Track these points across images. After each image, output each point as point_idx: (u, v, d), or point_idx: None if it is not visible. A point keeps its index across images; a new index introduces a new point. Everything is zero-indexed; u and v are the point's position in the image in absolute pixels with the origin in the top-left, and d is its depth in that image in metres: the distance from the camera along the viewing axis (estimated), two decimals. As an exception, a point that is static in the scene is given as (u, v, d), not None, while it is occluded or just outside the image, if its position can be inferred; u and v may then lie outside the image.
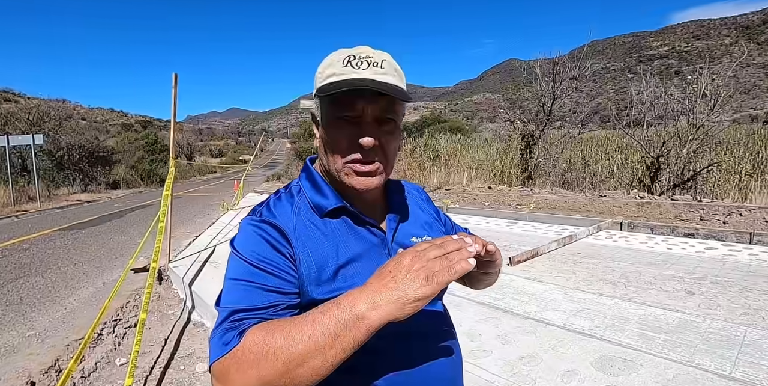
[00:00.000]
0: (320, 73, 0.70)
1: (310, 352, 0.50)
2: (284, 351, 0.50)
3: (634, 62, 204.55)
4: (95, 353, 3.30)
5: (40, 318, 3.83)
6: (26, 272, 5.30)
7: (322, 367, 0.51)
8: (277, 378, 0.50)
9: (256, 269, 0.64)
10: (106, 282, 4.92)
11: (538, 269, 4.19)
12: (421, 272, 0.52)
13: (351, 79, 0.65)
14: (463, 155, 15.28)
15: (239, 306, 0.61)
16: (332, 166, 0.71)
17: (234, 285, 0.63)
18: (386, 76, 0.67)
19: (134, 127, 73.26)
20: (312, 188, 0.75)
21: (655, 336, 2.62)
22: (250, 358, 0.52)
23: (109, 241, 7.28)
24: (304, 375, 0.50)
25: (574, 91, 12.23)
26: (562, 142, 12.41)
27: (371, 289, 0.53)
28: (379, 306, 0.51)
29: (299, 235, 0.69)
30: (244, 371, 0.51)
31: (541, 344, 2.61)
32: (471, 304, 3.34)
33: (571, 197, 8.74)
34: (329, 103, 0.69)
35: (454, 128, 30.11)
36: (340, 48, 0.72)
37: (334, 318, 0.51)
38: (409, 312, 0.51)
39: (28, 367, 2.96)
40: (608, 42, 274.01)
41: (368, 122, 0.67)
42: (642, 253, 4.68)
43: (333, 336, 0.50)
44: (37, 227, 9.22)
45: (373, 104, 0.67)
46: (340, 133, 0.68)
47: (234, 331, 0.56)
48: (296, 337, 0.51)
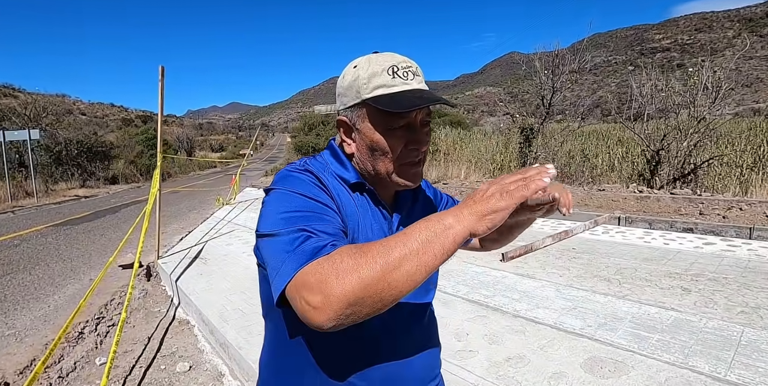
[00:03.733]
0: (365, 84, 0.71)
1: (405, 256, 0.52)
2: (381, 256, 0.52)
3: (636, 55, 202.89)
4: (75, 352, 3.22)
5: (22, 316, 3.76)
6: (14, 269, 5.23)
7: (417, 273, 0.53)
8: (375, 281, 0.51)
9: (318, 204, 0.66)
10: (92, 279, 4.83)
11: (532, 265, 4.09)
12: (497, 190, 0.57)
13: (408, 91, 0.70)
14: (463, 149, 15.16)
15: (315, 227, 0.61)
16: (382, 169, 0.75)
17: (299, 216, 0.63)
18: (423, 83, 0.74)
19: (134, 122, 73.09)
20: (336, 163, 0.80)
21: (649, 336, 2.52)
22: (349, 263, 0.52)
23: (101, 237, 7.21)
24: (400, 280, 0.52)
25: (574, 85, 12.07)
26: (561, 135, 12.27)
27: (457, 208, 0.57)
28: (462, 219, 0.55)
29: (333, 189, 0.74)
30: (345, 275, 0.51)
31: (530, 344, 2.52)
32: (460, 302, 3.25)
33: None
34: (386, 113, 0.71)
35: (454, 122, 29.90)
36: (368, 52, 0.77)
37: (425, 228, 0.55)
38: (486, 225, 0.55)
39: (2, 367, 2.89)
40: (610, 35, 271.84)
41: (419, 128, 0.74)
42: (639, 248, 4.57)
43: (425, 241, 0.53)
44: (32, 222, 9.16)
45: (422, 111, 0.73)
46: (398, 141, 0.72)
47: (322, 242, 0.58)
48: (391, 244, 0.54)
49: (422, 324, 0.85)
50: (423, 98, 0.70)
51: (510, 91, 15.79)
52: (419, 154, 0.75)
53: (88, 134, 22.04)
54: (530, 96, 13.12)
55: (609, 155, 11.85)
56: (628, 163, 11.15)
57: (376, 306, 0.53)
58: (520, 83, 14.81)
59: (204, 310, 3.43)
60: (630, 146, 11.58)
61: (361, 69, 0.73)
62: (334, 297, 0.51)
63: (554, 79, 11.29)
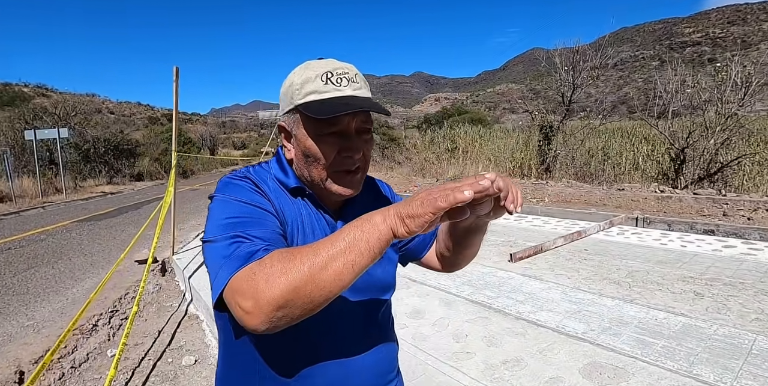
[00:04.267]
0: (297, 90, 0.72)
1: (332, 256, 0.53)
2: (309, 257, 0.53)
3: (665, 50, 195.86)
4: (88, 344, 3.34)
5: (41, 308, 3.91)
6: (38, 263, 5.45)
7: (344, 272, 0.53)
8: (303, 283, 0.52)
9: (255, 208, 0.68)
10: (113, 273, 4.99)
11: (540, 266, 4.02)
12: (423, 196, 0.55)
13: (338, 98, 0.70)
14: (482, 146, 15.00)
15: (250, 233, 0.63)
16: (316, 176, 0.75)
17: (236, 221, 0.65)
18: (362, 90, 0.73)
19: (160, 120, 75.02)
20: (278, 169, 0.80)
21: (654, 342, 2.45)
22: (278, 267, 0.54)
23: (121, 233, 7.43)
24: (327, 280, 0.53)
25: (595, 81, 11.77)
26: (582, 133, 11.99)
27: (387, 207, 0.57)
28: (387, 218, 0.55)
29: (274, 194, 0.75)
30: (274, 278, 0.53)
31: (529, 347, 2.47)
32: (463, 303, 3.22)
33: (588, 191, 8.42)
34: (316, 120, 0.71)
35: (475, 120, 29.64)
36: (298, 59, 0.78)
37: (354, 227, 0.56)
38: (405, 228, 0.54)
39: (19, 356, 3.01)
40: (637, 29, 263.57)
41: (353, 135, 0.73)
42: (653, 250, 4.44)
43: (352, 240, 0.54)
44: (59, 218, 9.52)
45: (356, 118, 0.72)
46: (329, 147, 0.72)
47: (255, 247, 0.60)
48: (319, 246, 0.55)
49: (374, 325, 0.83)
50: (350, 104, 0.69)
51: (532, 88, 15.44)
52: (354, 161, 0.74)
53: (115, 133, 22.77)
54: (554, 93, 12.84)
55: (633, 154, 11.52)
56: (653, 162, 10.82)
57: (308, 306, 0.54)
58: (541, 80, 14.49)
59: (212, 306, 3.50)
60: (656, 144, 11.23)
61: (296, 75, 0.73)
62: (264, 301, 0.52)
63: (574, 76, 11.03)
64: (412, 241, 0.95)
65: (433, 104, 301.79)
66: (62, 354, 3.10)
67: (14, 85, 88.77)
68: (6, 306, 3.98)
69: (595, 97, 12.37)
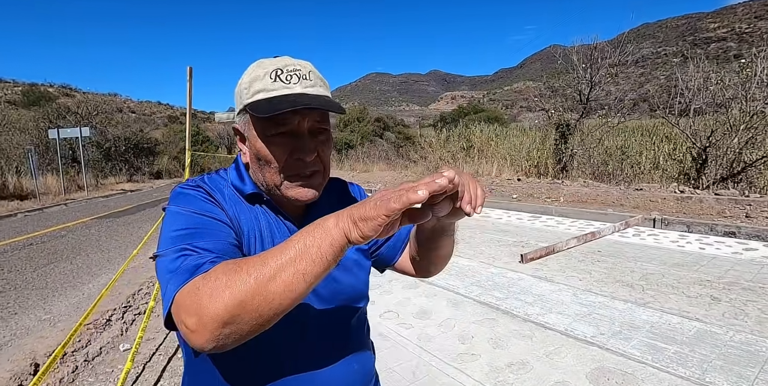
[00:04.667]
0: (246, 88, 0.69)
1: (280, 266, 0.49)
2: (256, 269, 0.50)
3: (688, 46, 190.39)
4: (102, 338, 3.41)
5: (58, 303, 4.02)
6: (57, 258, 5.61)
7: (294, 282, 0.49)
8: (250, 296, 0.48)
9: (206, 218, 0.64)
10: (126, 270, 5.10)
11: (551, 268, 3.95)
12: (378, 197, 0.51)
13: (285, 96, 0.65)
14: (498, 145, 14.84)
15: (197, 245, 0.59)
16: (270, 181, 0.71)
17: (184, 233, 0.61)
18: (315, 88, 0.68)
19: (179, 119, 76.38)
20: (235, 175, 0.77)
21: (665, 348, 2.38)
22: (222, 280, 0.50)
23: (138, 230, 7.59)
24: (277, 292, 0.49)
25: (614, 78, 11.51)
26: (600, 132, 11.75)
27: (340, 211, 0.53)
28: (341, 221, 0.51)
29: (229, 201, 0.71)
30: (218, 293, 0.49)
31: (536, 350, 2.43)
32: (470, 303, 3.19)
33: (605, 191, 8.25)
34: (263, 120, 0.67)
35: (491, 118, 29.38)
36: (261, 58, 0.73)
37: (307, 233, 0.52)
38: (358, 232, 0.50)
39: (35, 349, 3.10)
40: (659, 25, 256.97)
41: (305, 136, 0.68)
42: (670, 253, 4.32)
43: (303, 247, 0.50)
44: (80, 214, 9.77)
45: (308, 118, 0.67)
46: (279, 149, 0.68)
47: (202, 259, 0.56)
48: (268, 255, 0.51)
49: (344, 337, 0.78)
50: (296, 102, 0.64)
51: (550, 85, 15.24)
52: (306, 164, 0.69)
53: (135, 131, 23.26)
54: (572, 91, 12.61)
55: (654, 153, 11.23)
56: (674, 161, 10.53)
57: (257, 321, 0.49)
58: (558, 78, 14.24)
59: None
60: (677, 143, 10.93)
61: (247, 74, 0.70)
62: (208, 318, 0.48)
63: (592, 73, 10.81)
64: (382, 246, 0.91)
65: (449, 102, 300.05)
66: (76, 347, 3.18)
67: (40, 85, 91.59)
68: (25, 300, 4.10)
69: (615, 94, 12.07)
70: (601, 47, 10.88)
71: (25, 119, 20.30)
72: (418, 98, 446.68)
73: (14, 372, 2.78)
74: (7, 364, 2.90)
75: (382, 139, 31.67)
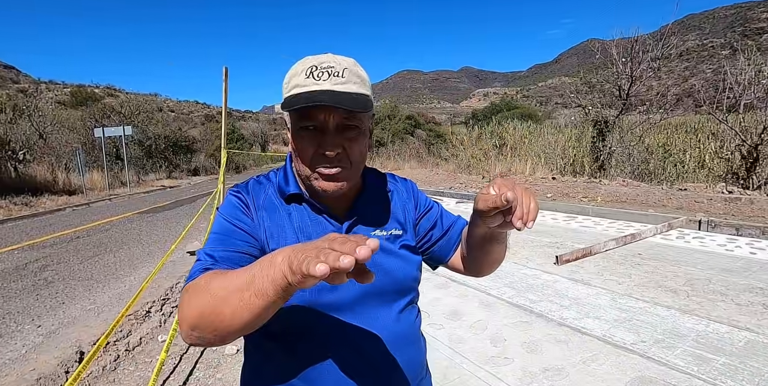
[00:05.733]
0: (286, 83, 0.73)
1: (232, 292, 0.52)
2: (215, 289, 0.55)
3: (738, 37, 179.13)
4: (142, 329, 3.55)
5: (102, 294, 4.21)
6: (102, 251, 5.88)
7: (239, 308, 0.51)
8: (207, 312, 0.54)
9: (230, 225, 0.73)
10: (164, 264, 5.30)
11: (588, 270, 3.81)
12: (311, 252, 0.45)
13: (310, 92, 0.68)
14: (532, 143, 14.49)
15: (213, 251, 0.68)
16: (302, 172, 0.75)
17: (213, 237, 0.72)
18: (347, 85, 0.69)
19: (216, 118, 78.69)
20: (282, 176, 0.82)
21: (713, 359, 2.24)
22: (195, 290, 0.58)
23: (176, 225, 7.87)
24: (226, 314, 0.52)
25: (656, 72, 10.98)
26: (641, 129, 11.25)
27: (291, 248, 0.50)
28: (283, 262, 0.48)
29: (261, 207, 0.76)
30: (189, 300, 0.57)
31: (572, 356, 2.35)
32: (503, 305, 3.12)
33: (645, 190, 7.90)
34: (293, 114, 0.71)
35: (525, 115, 28.76)
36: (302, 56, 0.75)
37: (260, 262, 0.53)
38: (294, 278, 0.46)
39: (80, 338, 3.26)
40: (706, 15, 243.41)
41: (330, 131, 0.70)
42: (717, 257, 4.08)
43: (251, 278, 0.51)
44: (123, 209, 10.24)
45: (333, 114, 0.69)
46: (306, 142, 0.71)
47: (202, 266, 0.65)
48: (229, 278, 0.55)
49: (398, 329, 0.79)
50: (314, 99, 0.66)
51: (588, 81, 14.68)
52: (329, 159, 0.71)
53: (174, 130, 24.15)
54: (611, 86, 12.12)
55: (699, 151, 10.66)
56: (721, 160, 9.96)
57: (213, 334, 0.55)
58: (596, 73, 13.73)
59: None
60: (725, 141, 10.32)
61: (290, 70, 0.74)
62: (182, 320, 0.57)
63: (633, 68, 10.36)
64: (434, 244, 0.91)
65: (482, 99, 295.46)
66: (118, 337, 3.32)
67: (87, 86, 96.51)
68: (72, 290, 4.33)
69: (657, 89, 11.53)
70: (642, 40, 10.40)
71: (73, 118, 21.41)
72: (450, 95, 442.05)
73: (61, 359, 2.93)
74: (55, 351, 3.06)
75: (413, 136, 31.54)
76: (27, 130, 15.77)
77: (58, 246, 6.25)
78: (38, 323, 3.56)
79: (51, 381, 2.71)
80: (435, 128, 37.68)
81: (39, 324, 3.53)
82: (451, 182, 12.23)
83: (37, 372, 2.77)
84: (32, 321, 3.59)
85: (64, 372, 2.83)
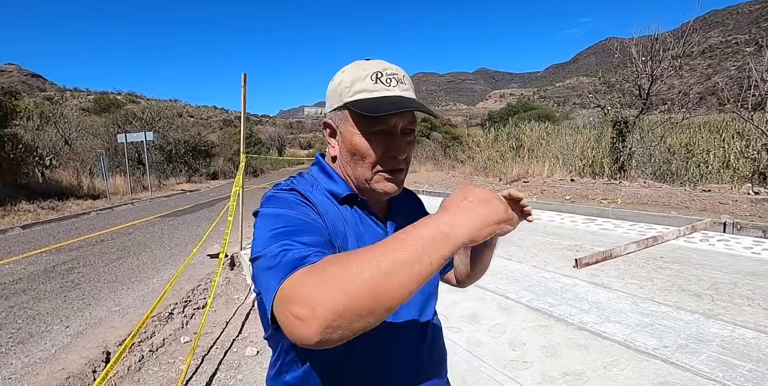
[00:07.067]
0: (347, 87, 0.73)
1: (396, 266, 0.48)
2: (369, 263, 0.48)
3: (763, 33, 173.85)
4: (165, 330, 3.64)
5: (126, 296, 4.33)
6: (125, 254, 6.04)
7: (410, 282, 0.48)
8: (364, 290, 0.46)
9: (304, 219, 0.65)
10: (186, 266, 5.41)
11: (609, 273, 3.75)
12: (494, 199, 0.57)
13: (385, 97, 0.70)
14: (549, 144, 14.32)
15: (298, 240, 0.59)
16: (361, 174, 0.75)
17: (282, 232, 0.61)
18: (409, 91, 0.74)
19: (233, 122, 79.99)
20: (326, 178, 0.79)
21: (740, 365, 2.19)
22: (335, 271, 0.48)
23: (197, 228, 8.02)
24: (391, 289, 0.47)
25: (678, 71, 10.75)
26: (662, 129, 11.01)
27: (450, 213, 0.54)
28: (461, 226, 0.52)
29: (319, 205, 0.73)
30: (330, 285, 0.47)
31: (592, 361, 2.32)
32: (521, 309, 3.10)
33: (667, 192, 7.73)
34: (365, 117, 0.71)
35: (542, 116, 28.42)
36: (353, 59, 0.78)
37: (420, 235, 0.51)
38: (486, 233, 0.54)
39: (106, 338, 3.36)
40: (730, 11, 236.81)
41: (398, 135, 0.73)
42: (743, 260, 3.97)
43: (421, 250, 0.49)
44: (145, 213, 10.49)
45: (403, 118, 0.72)
46: (376, 145, 0.72)
47: (305, 252, 0.55)
48: (382, 251, 0.49)
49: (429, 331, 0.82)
50: (398, 104, 0.69)
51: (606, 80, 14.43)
52: (399, 162, 0.74)
53: (194, 135, 24.62)
54: (630, 85, 11.90)
55: (724, 151, 10.37)
56: (747, 160, 9.67)
57: (367, 318, 0.47)
58: (615, 72, 13.47)
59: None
60: (751, 140, 10.02)
61: (347, 74, 0.74)
62: (321, 308, 0.46)
63: (653, 67, 10.16)
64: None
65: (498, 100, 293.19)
66: (142, 338, 3.41)
67: (110, 93, 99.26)
68: (98, 292, 4.46)
69: (679, 88, 11.27)
70: (663, 38, 10.20)
71: (97, 124, 22.06)
72: (466, 96, 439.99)
73: (89, 359, 3.02)
74: (82, 351, 3.16)
75: (429, 139, 31.49)
76: (53, 136, 16.32)
77: (83, 249, 6.44)
78: (66, 324, 3.68)
79: (79, 380, 2.80)
80: (451, 130, 37.56)
81: (67, 325, 3.65)
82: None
83: (66, 372, 2.86)
84: (60, 322, 3.71)
85: (91, 371, 2.92)
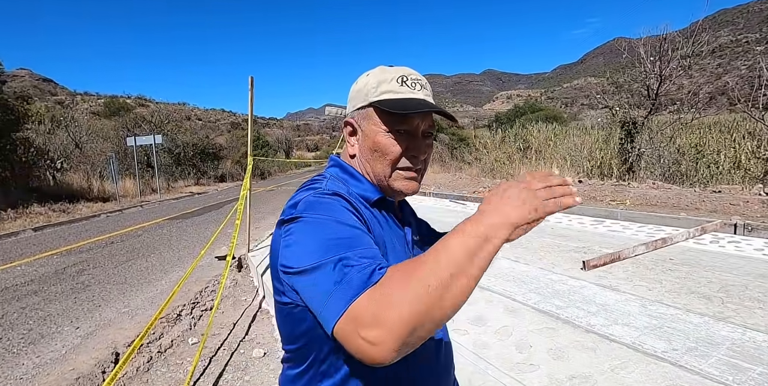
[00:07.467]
0: (373, 88, 0.76)
1: (454, 274, 0.49)
2: (432, 274, 0.49)
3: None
4: (173, 331, 3.67)
5: (135, 298, 4.37)
6: (135, 256, 6.11)
7: (467, 288, 0.50)
8: (431, 304, 0.48)
9: (353, 228, 0.61)
10: (194, 268, 5.45)
11: (617, 275, 3.72)
12: (530, 201, 0.54)
13: (411, 99, 0.74)
14: (557, 145, 14.24)
15: (356, 254, 0.56)
16: (380, 171, 0.77)
17: (336, 243, 0.58)
18: (430, 97, 0.78)
19: (241, 125, 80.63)
20: (353, 181, 0.79)
21: (750, 368, 2.16)
22: (401, 290, 0.48)
23: (205, 230, 8.08)
24: (453, 299, 0.49)
25: (687, 71, 10.64)
26: (671, 129, 10.90)
27: (488, 215, 0.54)
28: (499, 229, 0.53)
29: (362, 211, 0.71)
30: (399, 304, 0.47)
31: (600, 363, 2.30)
32: (528, 311, 3.08)
33: (677, 193, 7.65)
34: (391, 116, 0.74)
35: (549, 117, 28.27)
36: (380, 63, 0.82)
37: (463, 243, 0.51)
38: (519, 234, 0.54)
39: (115, 340, 3.39)
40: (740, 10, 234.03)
41: (419, 137, 0.77)
42: (754, 262, 3.91)
43: (471, 255, 0.50)
44: (154, 215, 10.59)
45: (424, 122, 0.76)
46: (397, 144, 0.75)
47: (368, 268, 0.53)
48: (438, 263, 0.50)
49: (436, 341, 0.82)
50: (425, 105, 0.73)
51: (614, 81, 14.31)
52: (417, 162, 0.77)
53: (202, 138, 24.82)
54: (639, 86, 11.80)
55: (734, 151, 10.23)
56: (758, 160, 9.54)
57: (431, 330, 0.49)
58: (623, 73, 13.38)
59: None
60: (762, 140, 9.89)
61: (372, 76, 0.78)
62: (396, 328, 0.47)
63: (661, 67, 10.07)
64: None
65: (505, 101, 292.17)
66: (150, 339, 3.45)
67: (119, 97, 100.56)
68: (108, 293, 4.51)
69: (688, 88, 11.16)
70: (672, 38, 10.11)
71: (107, 128, 22.34)
72: (473, 98, 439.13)
73: (98, 360, 3.06)
74: (92, 352, 3.20)
75: (436, 140, 31.45)
76: (64, 140, 16.55)
77: (93, 251, 6.52)
78: (76, 325, 3.73)
79: (89, 380, 2.83)
80: (458, 132, 37.45)
81: (77, 326, 3.69)
82: (475, 187, 12.13)
83: (76, 372, 2.90)
84: (71, 323, 3.76)
85: (100, 372, 2.96)
